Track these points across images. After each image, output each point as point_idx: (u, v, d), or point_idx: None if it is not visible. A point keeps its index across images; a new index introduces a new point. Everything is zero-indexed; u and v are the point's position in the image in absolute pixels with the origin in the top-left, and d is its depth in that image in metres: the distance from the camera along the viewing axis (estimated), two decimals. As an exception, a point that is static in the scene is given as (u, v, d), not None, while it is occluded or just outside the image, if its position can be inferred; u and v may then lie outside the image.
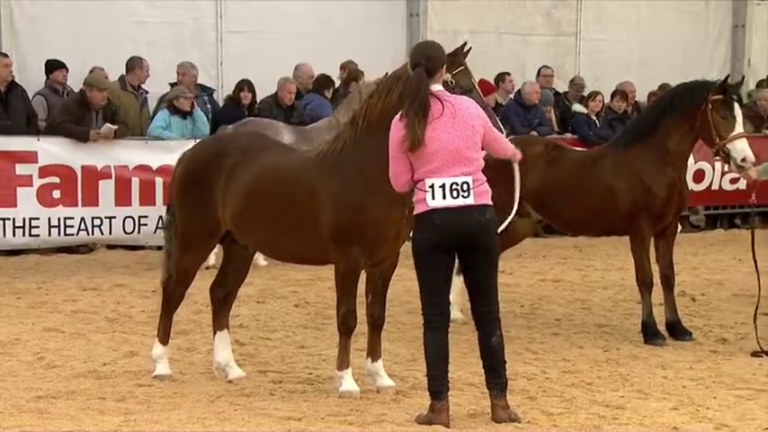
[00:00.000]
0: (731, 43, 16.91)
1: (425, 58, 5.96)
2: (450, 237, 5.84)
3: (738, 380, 7.03)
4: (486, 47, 15.44)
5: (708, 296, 10.20)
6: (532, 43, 15.97)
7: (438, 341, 5.97)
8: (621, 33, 16.23)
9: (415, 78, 5.90)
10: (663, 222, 8.33)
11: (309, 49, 14.32)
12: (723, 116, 8.05)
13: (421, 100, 5.83)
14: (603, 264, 12.08)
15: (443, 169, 5.83)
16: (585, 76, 15.81)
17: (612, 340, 8.31)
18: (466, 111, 5.92)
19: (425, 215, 5.87)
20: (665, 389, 6.82)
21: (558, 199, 8.64)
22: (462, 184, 5.84)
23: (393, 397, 6.58)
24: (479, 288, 6.01)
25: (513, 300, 10.01)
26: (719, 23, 16.84)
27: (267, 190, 6.67)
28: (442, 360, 5.97)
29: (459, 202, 5.82)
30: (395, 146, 5.91)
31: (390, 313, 7.88)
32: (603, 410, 6.33)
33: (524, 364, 7.49)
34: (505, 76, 14.89)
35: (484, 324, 6.03)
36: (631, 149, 8.37)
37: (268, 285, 10.45)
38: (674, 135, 8.22)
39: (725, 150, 8.02)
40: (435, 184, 5.83)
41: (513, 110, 14.33)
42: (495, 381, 6.01)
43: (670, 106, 8.29)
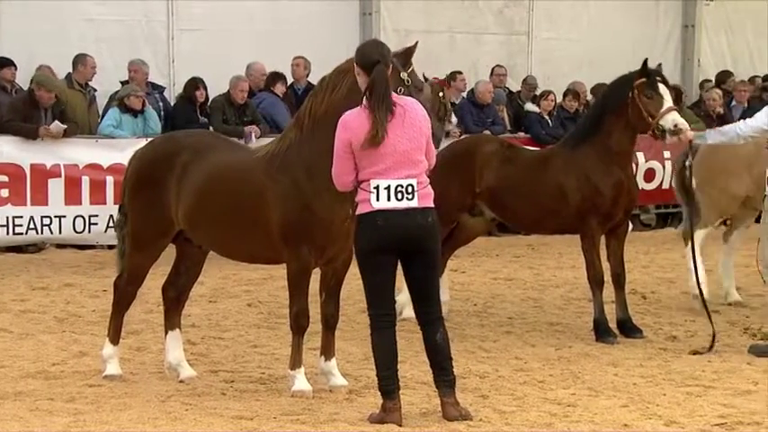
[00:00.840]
0: (681, 43, 17.10)
1: (381, 56, 5.97)
2: (392, 239, 5.85)
3: (688, 377, 7.11)
4: (439, 46, 15.49)
5: (658, 294, 10.31)
6: (485, 42, 16.03)
7: (386, 341, 5.98)
8: (573, 33, 16.35)
9: (381, 75, 5.88)
10: (612, 221, 8.41)
11: (262, 47, 14.27)
12: (649, 96, 8.15)
13: (388, 98, 5.84)
14: (556, 262, 12.16)
15: (390, 171, 5.84)
16: (537, 75, 15.90)
17: (564, 338, 8.37)
18: (414, 112, 5.94)
19: (369, 216, 5.87)
20: (616, 386, 6.88)
21: (511, 198, 8.70)
22: (407, 186, 5.85)
23: (346, 396, 6.59)
24: (422, 290, 6.03)
25: (466, 298, 10.06)
26: (669, 23, 17.01)
27: (218, 189, 6.66)
28: (392, 360, 5.99)
29: (403, 205, 5.84)
30: (341, 144, 5.90)
31: (344, 312, 7.92)
32: (555, 408, 6.37)
33: (477, 362, 7.53)
34: (457, 75, 14.93)
35: (427, 323, 6.05)
36: (579, 149, 8.46)
37: (220, 284, 10.42)
38: (614, 133, 8.31)
39: (659, 127, 8.09)
40: (380, 186, 5.84)
41: (466, 109, 14.39)
42: (443, 378, 6.03)
43: (605, 105, 8.41)
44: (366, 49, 6.09)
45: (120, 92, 12.69)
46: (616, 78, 8.49)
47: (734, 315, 9.15)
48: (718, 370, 7.27)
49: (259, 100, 13.53)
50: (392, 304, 6.09)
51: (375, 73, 5.88)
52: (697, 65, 17.05)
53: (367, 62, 5.96)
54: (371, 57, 5.96)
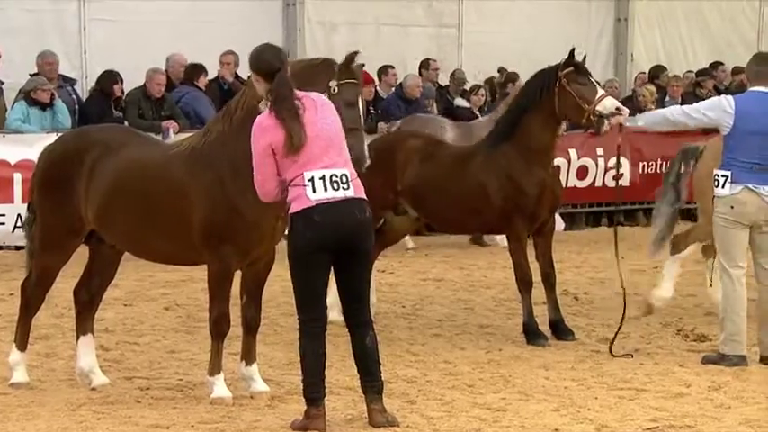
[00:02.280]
0: (614, 37, 17.33)
1: (281, 63, 5.97)
2: (330, 236, 5.84)
3: (620, 380, 7.20)
4: (366, 39, 15.48)
5: (591, 295, 10.44)
6: (413, 35, 16.08)
7: (316, 347, 5.97)
8: (504, 26, 16.46)
9: (285, 84, 5.89)
10: (537, 221, 8.47)
11: (182, 38, 14.14)
12: (582, 83, 8.21)
13: (291, 103, 5.83)
14: (487, 262, 12.24)
15: (321, 159, 5.82)
16: (468, 69, 15.99)
17: (495, 341, 8.43)
18: (322, 102, 5.96)
19: (305, 213, 5.84)
20: (547, 390, 6.95)
21: (432, 196, 8.71)
22: (341, 176, 5.85)
23: (268, 402, 6.56)
24: (354, 290, 6.03)
25: (394, 300, 10.08)
26: (602, 17, 17.23)
27: (133, 186, 6.59)
28: (320, 367, 5.98)
29: (340, 195, 5.83)
30: (261, 149, 5.86)
31: (266, 315, 7.90)
32: (484, 413, 6.42)
33: (404, 366, 7.55)
34: (389, 70, 14.96)
35: (357, 326, 6.05)
36: (499, 148, 8.49)
37: (136, 287, 10.32)
38: (534, 131, 8.34)
39: (596, 113, 8.17)
40: (315, 177, 5.82)
41: (394, 104, 14.42)
42: (370, 383, 6.04)
43: (526, 101, 8.43)
44: (264, 55, 6.04)
45: (26, 85, 12.48)
46: (535, 74, 8.52)
47: (668, 317, 9.29)
48: (650, 372, 7.38)
49: (180, 94, 13.41)
50: (323, 308, 6.06)
51: (277, 81, 5.88)
52: (630, 59, 17.28)
53: (267, 69, 5.95)
54: (272, 64, 5.95)
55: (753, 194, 7.48)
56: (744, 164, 7.47)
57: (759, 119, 7.47)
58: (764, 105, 7.53)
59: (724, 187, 7.52)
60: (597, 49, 16.16)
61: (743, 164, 7.48)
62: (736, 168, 7.49)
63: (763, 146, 7.46)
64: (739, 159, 7.49)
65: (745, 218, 7.52)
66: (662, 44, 17.61)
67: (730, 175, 7.49)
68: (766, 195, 7.49)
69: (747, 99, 7.60)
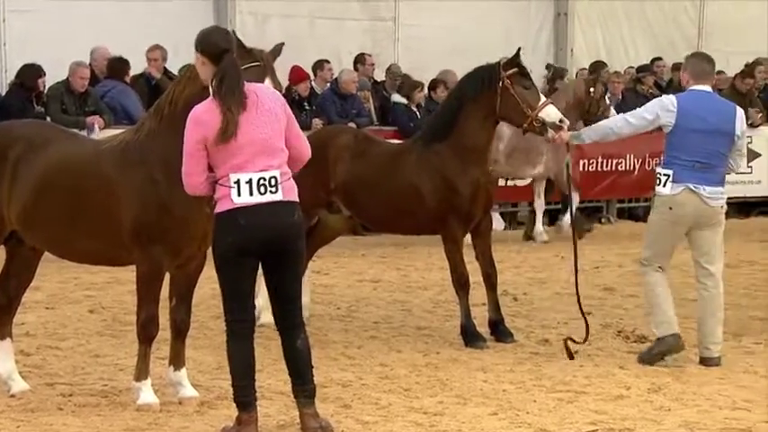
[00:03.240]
0: (554, 32, 17.46)
1: (229, 44, 5.92)
2: (256, 239, 5.80)
3: (559, 382, 7.25)
4: (299, 32, 15.45)
5: (530, 295, 10.50)
6: (348, 29, 16.06)
7: (243, 350, 5.93)
8: (442, 20, 16.49)
9: (232, 65, 5.83)
10: (472, 221, 8.48)
11: (107, 30, 13.98)
12: (527, 86, 8.26)
13: (240, 88, 5.78)
14: (424, 263, 12.27)
15: (250, 163, 5.78)
16: (404, 64, 16.01)
17: (432, 343, 8.45)
18: (267, 97, 5.91)
19: (229, 214, 5.80)
20: (485, 393, 6.98)
21: (364, 195, 8.68)
22: (270, 178, 5.80)
23: (197, 408, 6.52)
24: (285, 293, 6.00)
25: (329, 302, 10.07)
26: (542, 12, 17.35)
27: (58, 184, 6.50)
28: (249, 370, 5.94)
29: (266, 199, 5.78)
30: (193, 141, 5.80)
31: (196, 318, 7.84)
32: (421, 418, 6.43)
33: (339, 370, 7.55)
34: (324, 64, 14.95)
35: (288, 329, 6.02)
36: (432, 147, 8.47)
37: (59, 289, 10.20)
38: (470, 128, 8.33)
39: (539, 120, 8.22)
40: (242, 180, 5.77)
41: (329, 99, 14.40)
42: (302, 388, 6.01)
43: (461, 99, 8.41)
44: (212, 37, 5.99)
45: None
46: (474, 69, 8.51)
47: (608, 318, 9.38)
48: (590, 375, 7.44)
49: (107, 88, 13.28)
50: (251, 310, 6.04)
51: (225, 62, 5.82)
52: (570, 55, 17.43)
53: (214, 51, 5.88)
54: (219, 45, 5.89)
55: (693, 195, 7.59)
56: (685, 162, 7.59)
57: (701, 117, 7.61)
58: (705, 104, 7.70)
59: (665, 186, 7.64)
60: (537, 44, 16.27)
61: (685, 162, 7.59)
62: (677, 167, 7.61)
63: (704, 144, 7.59)
64: (681, 158, 7.60)
65: (683, 219, 7.65)
66: (603, 40, 17.79)
67: (672, 174, 7.60)
68: (706, 196, 7.61)
69: (689, 98, 7.74)
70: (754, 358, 7.97)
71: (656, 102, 7.85)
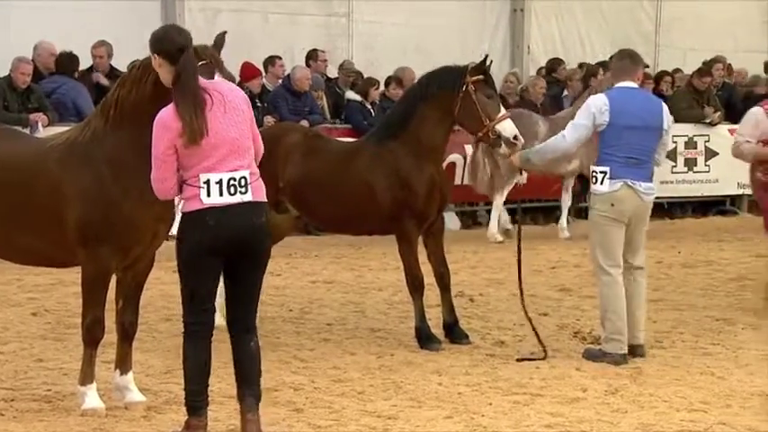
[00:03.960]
0: (510, 29, 17.52)
1: (186, 41, 5.88)
2: (224, 240, 5.77)
3: (515, 384, 7.27)
4: (252, 27, 15.40)
5: (487, 296, 10.53)
6: (301, 24, 16.02)
7: (200, 353, 5.90)
8: (397, 16, 16.49)
9: (190, 64, 5.80)
10: (426, 221, 8.47)
11: (51, 25, 13.84)
12: (489, 96, 8.27)
13: (197, 88, 5.75)
14: (379, 263, 12.27)
15: (221, 164, 5.76)
16: (359, 60, 16.00)
17: (386, 345, 8.45)
18: (233, 96, 5.89)
19: (198, 214, 5.76)
20: (440, 396, 6.98)
21: (314, 195, 8.65)
22: (240, 179, 5.79)
23: (144, 413, 6.47)
24: (246, 296, 5.97)
25: (281, 303, 10.04)
26: (498, 8, 17.40)
27: (3, 181, 6.42)
28: (204, 373, 5.91)
29: (236, 199, 5.77)
30: (163, 147, 5.74)
31: (144, 320, 7.79)
32: (374, 421, 6.42)
33: (291, 373, 7.52)
34: (276, 60, 14.91)
35: (242, 332, 5.98)
36: (387, 144, 8.45)
37: (1, 291, 10.10)
38: (427, 127, 8.33)
39: (494, 132, 8.24)
40: (212, 180, 5.74)
41: (281, 97, 14.36)
42: (250, 393, 5.96)
43: (421, 96, 8.40)
44: (167, 35, 5.95)
45: None
46: (439, 68, 8.50)
47: (565, 318, 9.43)
48: (546, 377, 7.46)
49: (56, 85, 13.15)
50: (211, 312, 6.00)
51: (183, 61, 5.78)
52: (527, 51, 17.49)
53: (171, 50, 5.83)
54: (176, 43, 5.85)
55: (630, 190, 7.79)
56: (621, 159, 7.79)
57: (631, 114, 7.83)
58: (635, 100, 7.94)
59: (603, 184, 7.81)
60: (493, 41, 16.31)
61: (620, 159, 7.79)
62: (614, 164, 7.80)
63: (636, 140, 7.82)
64: (616, 154, 7.80)
65: (624, 215, 7.83)
66: (559, 36, 17.87)
67: (609, 171, 7.79)
68: (642, 191, 7.84)
69: (618, 95, 7.93)
70: (710, 359, 8.05)
71: (589, 105, 7.98)
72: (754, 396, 7.02)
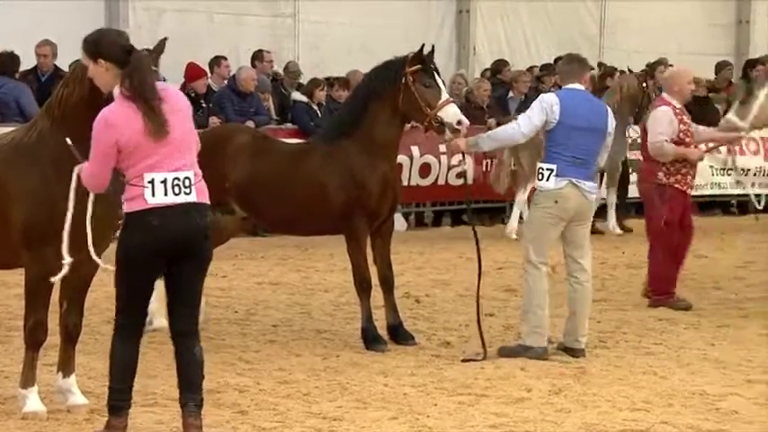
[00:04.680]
0: (456, 30, 17.58)
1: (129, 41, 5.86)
2: (167, 241, 5.75)
3: (460, 385, 7.30)
4: (197, 28, 15.33)
5: (433, 297, 10.56)
6: (247, 25, 15.97)
7: (128, 353, 5.89)
8: (342, 17, 16.50)
9: (144, 62, 5.77)
10: (378, 219, 8.48)
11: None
12: (428, 84, 8.26)
13: (154, 86, 5.73)
14: (326, 265, 12.26)
15: (166, 162, 5.73)
16: (305, 61, 15.97)
17: (332, 347, 8.45)
18: (174, 95, 5.89)
19: (141, 214, 5.73)
20: (386, 397, 6.99)
21: (262, 195, 8.62)
22: (184, 179, 5.77)
23: (86, 417, 6.42)
24: (188, 298, 5.94)
25: (226, 305, 10.01)
26: (443, 9, 17.45)
27: None
28: (129, 373, 5.90)
29: (180, 200, 5.74)
30: (105, 145, 5.70)
31: (87, 323, 7.71)
32: (320, 423, 6.42)
33: (236, 375, 7.50)
34: (221, 61, 14.85)
35: (185, 335, 5.96)
36: (339, 143, 8.45)
37: (-60, 294, 9.98)
38: (378, 123, 8.33)
39: (437, 119, 8.26)
40: (156, 179, 5.72)
41: (226, 97, 14.30)
42: (193, 397, 5.92)
43: (368, 94, 8.40)
44: (108, 38, 5.90)
45: None
46: (381, 63, 8.50)
47: (510, 319, 9.47)
48: (491, 377, 7.50)
49: (-4, 85, 13.03)
50: (145, 313, 6.00)
51: (135, 61, 5.74)
52: (472, 52, 17.56)
53: (117, 52, 5.79)
54: (122, 45, 5.82)
55: (575, 189, 7.94)
56: (567, 158, 7.95)
57: (580, 115, 7.98)
58: (582, 101, 8.11)
59: (548, 180, 7.94)
60: (439, 42, 16.19)
61: (566, 158, 7.95)
62: (560, 162, 7.95)
63: (584, 141, 7.98)
64: (563, 154, 7.96)
65: (566, 213, 7.97)
66: (505, 38, 17.96)
67: (555, 169, 7.93)
68: (585, 190, 7.99)
69: (567, 96, 8.08)
70: (653, 359, 8.13)
71: (541, 102, 8.08)
72: (695, 395, 7.10)
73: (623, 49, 18.70)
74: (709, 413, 6.70)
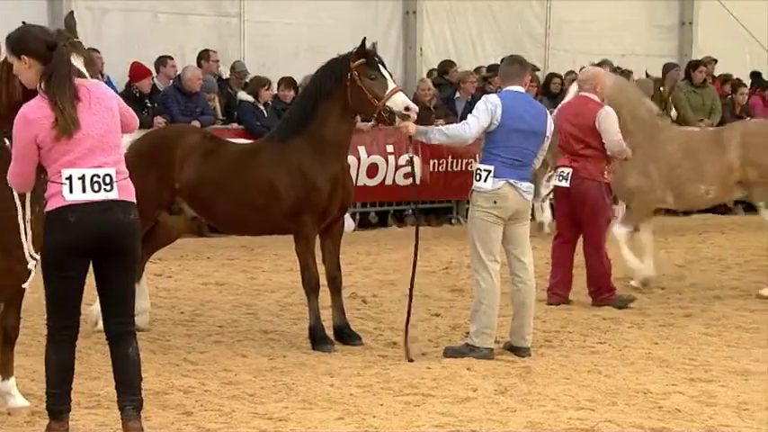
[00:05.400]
0: (402, 31, 17.59)
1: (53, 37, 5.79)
2: (87, 238, 5.68)
3: (407, 385, 7.30)
4: (141, 27, 15.20)
5: (380, 297, 10.56)
6: (192, 24, 15.86)
7: (62, 356, 5.83)
8: (288, 16, 16.43)
9: (64, 57, 5.71)
10: (327, 219, 8.47)
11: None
12: (373, 77, 8.25)
13: (71, 82, 5.67)
14: (272, 265, 12.23)
15: (84, 159, 5.67)
16: (251, 61, 15.91)
17: (278, 347, 8.42)
18: (100, 92, 5.82)
19: (59, 212, 5.67)
20: (332, 397, 6.98)
21: (213, 195, 8.59)
22: (105, 176, 5.70)
23: (27, 419, 6.36)
24: (118, 297, 5.88)
25: (172, 306, 9.95)
26: (390, 9, 17.44)
27: None
28: (65, 377, 5.84)
29: (100, 197, 5.68)
30: (24, 143, 5.65)
31: (28, 324, 7.65)
32: (265, 424, 6.40)
33: (181, 376, 7.45)
34: (167, 60, 14.76)
35: (119, 336, 5.91)
36: (290, 142, 8.44)
37: None
38: (329, 122, 8.34)
39: (386, 109, 8.26)
40: (74, 176, 5.65)
41: (172, 97, 14.21)
42: (130, 399, 5.89)
43: (318, 92, 8.41)
44: (31, 35, 5.81)
45: None
46: (326, 62, 8.51)
47: (457, 319, 9.50)
48: (437, 377, 7.51)
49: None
50: (76, 316, 5.90)
51: (56, 55, 5.69)
52: (419, 53, 17.58)
53: (40, 50, 5.72)
54: (45, 41, 5.75)
55: (513, 189, 8.03)
56: (506, 159, 8.01)
57: (520, 117, 8.05)
58: (523, 104, 8.17)
59: (486, 181, 8.00)
60: (386, 43, 16.32)
61: (505, 159, 8.01)
62: (499, 163, 8.01)
63: (522, 143, 8.05)
64: (502, 155, 8.03)
65: (506, 212, 8.04)
66: (451, 38, 17.99)
67: (493, 170, 7.99)
68: (523, 191, 8.07)
69: (509, 97, 8.13)
70: (598, 358, 8.19)
71: (486, 103, 8.09)
72: (639, 393, 7.15)
73: (569, 51, 18.81)
74: (652, 411, 6.76)
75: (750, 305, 10.32)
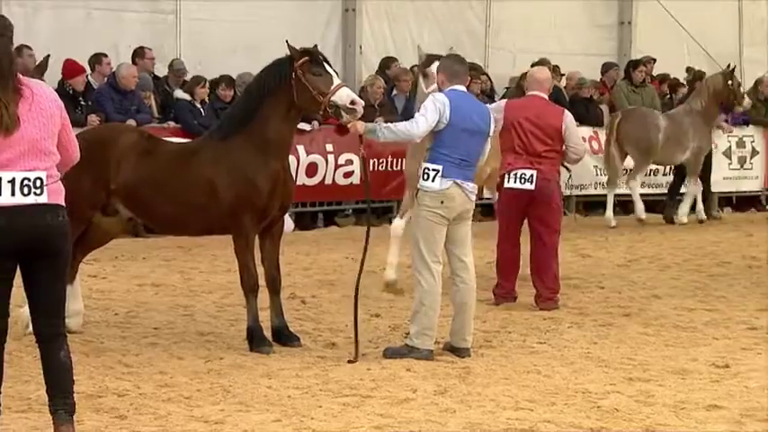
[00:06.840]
0: (342, 28, 17.56)
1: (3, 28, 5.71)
2: (15, 240, 5.62)
3: (346, 386, 7.30)
4: (74, 23, 15.04)
5: (319, 298, 10.55)
6: (126, 21, 15.71)
7: None
8: (225, 14, 16.33)
9: (4, 49, 5.64)
10: (267, 218, 8.44)
11: None
12: (317, 73, 8.24)
13: (13, 75, 5.60)
14: (209, 265, 12.18)
15: (16, 162, 5.60)
16: (188, 59, 15.80)
17: (215, 349, 8.38)
18: (43, 96, 5.75)
19: None
20: (269, 399, 6.96)
21: (151, 195, 8.52)
22: (35, 180, 5.64)
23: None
24: (47, 300, 5.82)
25: (106, 307, 9.87)
26: (329, 7, 17.40)
27: None
28: None
29: (29, 200, 5.62)
30: None
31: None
32: (201, 426, 6.37)
33: (116, 379, 7.39)
34: (102, 58, 14.62)
35: (49, 339, 5.85)
36: (230, 141, 8.40)
37: None
38: (272, 121, 8.32)
39: (332, 104, 8.25)
40: (4, 179, 5.58)
41: (106, 95, 14.08)
42: (63, 402, 5.83)
43: (261, 91, 8.39)
44: None
45: None
46: (271, 62, 8.48)
47: (397, 319, 9.52)
48: (377, 378, 7.52)
49: None
50: (4, 318, 5.84)
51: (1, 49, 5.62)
52: (359, 51, 17.56)
53: None
54: None
55: (459, 189, 8.07)
56: (454, 159, 8.04)
57: (467, 116, 8.08)
58: (468, 104, 8.21)
59: (434, 181, 8.01)
60: (325, 40, 16.25)
61: (453, 159, 8.04)
62: (446, 163, 8.04)
63: (469, 143, 8.10)
64: (451, 155, 8.05)
65: (451, 212, 8.08)
66: (391, 37, 17.99)
67: (441, 170, 8.01)
68: (469, 191, 8.13)
69: (455, 97, 8.12)
70: (537, 358, 8.24)
71: (434, 102, 8.09)
72: (577, 393, 7.21)
73: (509, 50, 18.91)
74: (590, 411, 6.81)
75: (688, 304, 10.45)
